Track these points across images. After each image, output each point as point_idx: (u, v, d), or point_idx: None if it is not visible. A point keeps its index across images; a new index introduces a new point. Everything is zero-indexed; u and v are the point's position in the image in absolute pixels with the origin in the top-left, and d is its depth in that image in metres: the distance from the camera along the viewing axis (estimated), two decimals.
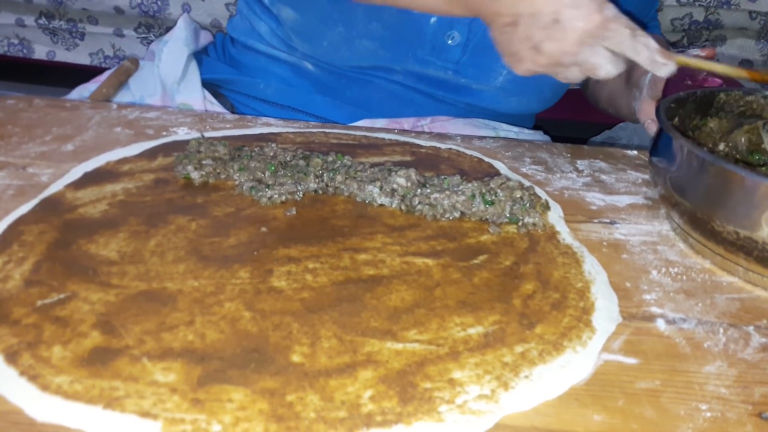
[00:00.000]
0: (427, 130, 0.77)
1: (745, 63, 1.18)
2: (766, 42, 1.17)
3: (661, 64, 0.54)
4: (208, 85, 0.82)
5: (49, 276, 0.43)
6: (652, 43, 0.53)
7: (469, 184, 0.56)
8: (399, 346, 0.40)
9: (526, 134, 0.84)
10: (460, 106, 0.81)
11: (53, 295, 0.41)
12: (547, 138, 0.88)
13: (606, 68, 0.54)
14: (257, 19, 0.83)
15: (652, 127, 0.70)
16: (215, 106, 0.80)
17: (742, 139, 0.59)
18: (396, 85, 0.79)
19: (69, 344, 0.37)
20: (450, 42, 0.75)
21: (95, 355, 0.37)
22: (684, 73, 0.67)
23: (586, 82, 0.94)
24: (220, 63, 0.87)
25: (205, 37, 0.95)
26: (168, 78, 0.80)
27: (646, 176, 0.64)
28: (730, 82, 0.65)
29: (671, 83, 0.67)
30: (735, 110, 0.61)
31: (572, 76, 0.56)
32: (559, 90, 0.85)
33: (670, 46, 0.81)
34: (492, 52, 0.76)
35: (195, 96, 0.79)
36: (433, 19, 0.74)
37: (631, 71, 0.78)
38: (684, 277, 0.49)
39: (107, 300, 0.41)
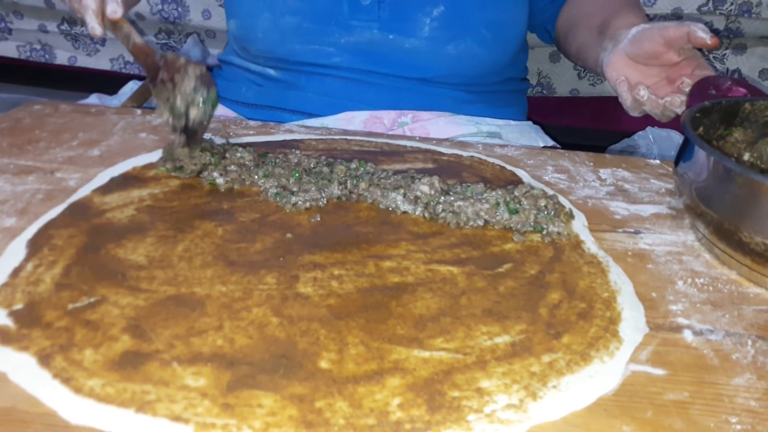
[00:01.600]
0: (408, 132, 0.78)
1: (765, 72, 1.18)
2: None
3: None
4: None
5: (80, 280, 0.44)
6: None
7: (493, 192, 0.56)
8: (426, 354, 0.40)
9: (513, 126, 0.83)
10: (415, 83, 0.81)
11: (84, 298, 0.42)
12: (537, 127, 0.87)
13: None
14: (233, 40, 0.90)
15: (623, 86, 0.69)
16: None
17: None
18: (343, 70, 0.81)
19: (100, 348, 0.38)
20: (364, 1, 0.77)
21: (126, 358, 0.37)
22: (708, 82, 0.66)
23: (558, 35, 0.93)
24: (216, 77, 0.94)
25: (212, 61, 1.01)
26: None
27: (670, 186, 0.64)
28: (755, 92, 0.64)
29: (695, 93, 0.66)
30: (760, 120, 0.61)
31: None
32: (500, 29, 0.82)
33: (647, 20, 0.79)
34: (407, 2, 0.77)
35: None
36: None
37: (609, 21, 0.77)
38: (710, 288, 0.49)
39: (137, 304, 0.42)
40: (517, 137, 0.81)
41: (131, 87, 0.84)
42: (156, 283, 0.44)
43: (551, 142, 0.85)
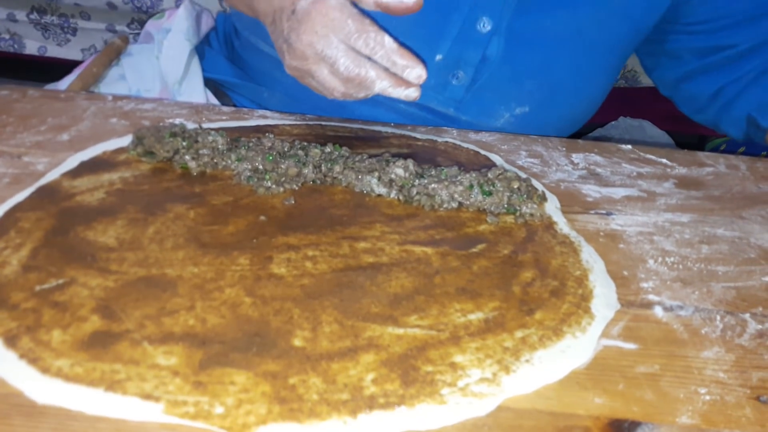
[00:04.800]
0: None
1: None
2: None
3: (402, 66, 0.52)
4: (210, 82, 0.81)
5: (48, 262, 0.43)
6: (390, 42, 0.51)
7: (467, 175, 0.56)
8: (400, 331, 0.40)
9: None
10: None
11: (52, 280, 0.41)
12: None
13: (342, 62, 0.52)
14: None
15: None
16: None
17: None
18: (404, 106, 0.77)
19: (69, 328, 0.37)
20: (455, 82, 0.73)
21: (95, 338, 0.37)
22: None
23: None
24: (224, 59, 0.85)
25: (207, 23, 0.90)
26: (169, 76, 0.79)
27: (641, 170, 0.65)
28: None
29: None
30: None
31: (324, 77, 0.54)
32: (577, 121, 0.80)
33: None
34: (496, 94, 0.73)
35: (197, 98, 0.78)
36: (439, 56, 0.71)
37: None
38: (680, 267, 0.49)
39: (106, 285, 0.41)
40: None
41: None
42: (126, 264, 0.43)
43: None
